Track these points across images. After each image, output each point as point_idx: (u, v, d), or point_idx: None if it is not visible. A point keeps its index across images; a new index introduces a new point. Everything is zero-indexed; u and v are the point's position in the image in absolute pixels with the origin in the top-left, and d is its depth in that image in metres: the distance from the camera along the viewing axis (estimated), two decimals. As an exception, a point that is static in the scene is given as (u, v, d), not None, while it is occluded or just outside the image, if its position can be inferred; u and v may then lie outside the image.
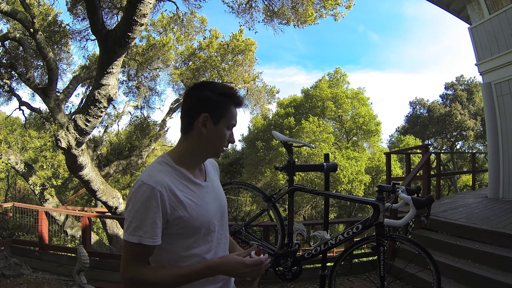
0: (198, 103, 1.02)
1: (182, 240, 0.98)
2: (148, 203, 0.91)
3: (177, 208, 0.95)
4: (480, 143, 22.63)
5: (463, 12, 7.49)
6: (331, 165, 2.39)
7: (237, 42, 10.73)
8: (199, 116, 1.00)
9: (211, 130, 1.01)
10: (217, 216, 1.07)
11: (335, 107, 19.00)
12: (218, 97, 1.02)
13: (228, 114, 1.03)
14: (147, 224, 0.91)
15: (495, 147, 6.11)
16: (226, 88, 1.05)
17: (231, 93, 1.04)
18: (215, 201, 1.08)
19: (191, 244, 0.99)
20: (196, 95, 1.03)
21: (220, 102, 1.02)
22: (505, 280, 2.88)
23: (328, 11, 7.99)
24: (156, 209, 0.91)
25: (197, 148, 1.04)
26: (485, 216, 4.41)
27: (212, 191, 1.09)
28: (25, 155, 11.33)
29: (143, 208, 0.91)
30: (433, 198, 2.46)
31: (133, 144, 12.92)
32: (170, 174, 0.99)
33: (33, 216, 5.95)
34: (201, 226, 1.00)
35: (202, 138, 1.02)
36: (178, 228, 0.97)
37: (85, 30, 9.83)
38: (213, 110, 1.01)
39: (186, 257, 0.99)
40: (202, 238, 1.01)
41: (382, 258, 2.22)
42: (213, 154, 1.08)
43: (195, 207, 0.99)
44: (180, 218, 0.95)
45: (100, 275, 4.25)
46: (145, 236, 0.91)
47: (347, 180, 15.11)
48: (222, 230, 1.11)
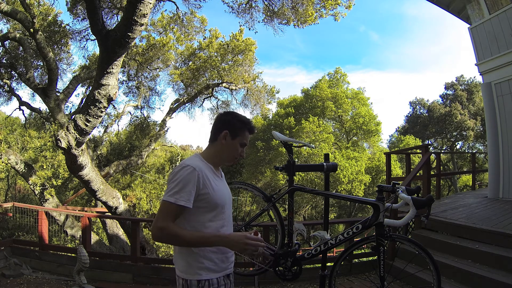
0: (223, 123, 1.49)
1: (205, 214, 1.38)
2: (189, 177, 1.32)
3: (206, 186, 1.36)
4: (480, 143, 22.63)
5: (463, 12, 7.49)
6: (331, 165, 2.39)
7: (237, 42, 10.72)
8: (222, 132, 1.46)
9: (229, 142, 1.47)
10: (228, 202, 1.49)
11: (335, 107, 19.01)
12: (237, 122, 1.49)
13: (242, 135, 1.48)
14: (185, 191, 1.30)
15: (495, 147, 6.11)
16: (244, 118, 1.53)
17: (247, 121, 1.51)
18: (227, 192, 1.52)
19: (211, 218, 1.39)
20: (223, 118, 1.51)
21: (238, 125, 1.48)
22: (505, 280, 2.88)
23: (328, 11, 7.98)
24: (193, 183, 1.32)
25: (218, 153, 1.49)
26: (485, 216, 4.41)
27: (225, 185, 1.54)
28: (25, 155, 11.33)
29: (185, 180, 1.31)
30: (433, 198, 2.46)
31: (133, 144, 12.92)
32: (205, 165, 1.43)
33: (33, 216, 5.95)
34: (219, 204, 1.40)
35: (222, 147, 1.48)
36: (204, 202, 1.36)
37: (85, 30, 9.83)
38: (232, 130, 1.47)
39: (206, 228, 1.37)
40: (218, 214, 1.41)
41: (382, 258, 2.22)
42: (227, 161, 1.50)
43: (216, 188, 1.41)
44: (207, 193, 1.36)
45: (100, 275, 4.25)
46: (180, 199, 1.29)
47: (347, 180, 15.11)
48: (230, 215, 1.53)
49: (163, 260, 6.24)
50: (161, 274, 4.25)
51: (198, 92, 12.11)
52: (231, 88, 12.07)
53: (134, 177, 14.13)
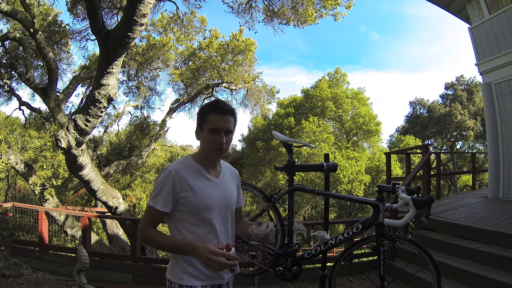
0: (196, 121, 1.38)
1: (187, 218, 1.30)
2: (164, 180, 1.28)
3: (185, 189, 1.28)
4: (480, 143, 22.63)
5: (463, 12, 7.49)
6: (331, 165, 2.39)
7: (237, 42, 10.72)
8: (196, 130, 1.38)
9: (201, 137, 1.35)
10: (219, 207, 1.34)
11: (335, 107, 18.99)
12: (200, 112, 1.36)
13: (207, 121, 1.31)
14: (162, 195, 1.27)
15: (495, 147, 6.10)
16: (208, 103, 1.39)
17: (209, 104, 1.36)
18: (220, 195, 1.36)
19: (195, 223, 1.30)
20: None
21: (201, 114, 1.34)
22: (505, 280, 2.88)
23: (328, 11, 7.98)
24: (169, 186, 1.27)
25: (201, 150, 1.38)
26: (485, 216, 4.41)
27: (220, 188, 1.37)
28: (25, 155, 11.33)
29: (161, 184, 1.28)
30: (433, 198, 2.46)
31: (133, 144, 12.92)
32: (187, 167, 1.34)
33: (33, 216, 5.95)
34: (201, 208, 1.29)
35: (200, 144, 1.37)
36: (185, 206, 1.29)
37: (85, 30, 9.83)
38: (199, 122, 1.35)
39: (191, 233, 1.29)
40: (203, 219, 1.30)
41: (382, 258, 2.22)
42: (209, 154, 1.35)
43: (199, 191, 1.30)
44: (186, 197, 1.28)
45: (100, 275, 4.25)
46: (158, 203, 1.27)
47: (347, 180, 15.10)
48: (226, 224, 1.38)
49: (163, 260, 6.23)
50: (161, 274, 4.25)
51: (198, 92, 12.12)
52: (231, 88, 12.07)
53: (134, 177, 14.14)
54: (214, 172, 1.39)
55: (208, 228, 1.31)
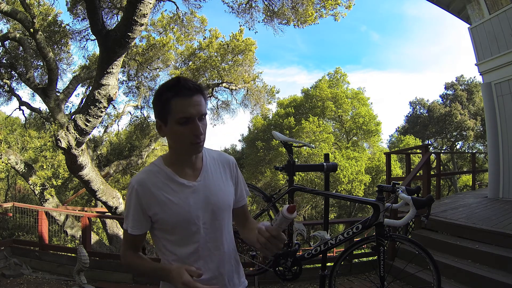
0: (154, 111, 1.06)
1: (167, 236, 1.06)
2: (130, 198, 1.05)
3: (153, 204, 1.03)
4: (480, 143, 22.63)
5: (463, 12, 7.49)
6: (331, 165, 2.39)
7: (237, 42, 10.72)
8: (156, 124, 1.06)
9: (166, 132, 1.03)
10: (202, 218, 1.05)
11: (335, 107, 19.00)
12: (159, 97, 1.00)
13: (171, 110, 0.97)
14: (130, 216, 1.05)
15: (495, 147, 6.11)
16: (166, 84, 1.01)
17: (169, 85, 0.99)
18: (201, 202, 1.06)
19: (176, 242, 1.06)
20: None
21: (160, 103, 0.99)
22: (505, 280, 2.88)
23: (328, 11, 7.99)
24: (135, 205, 1.04)
25: (171, 149, 1.09)
26: (485, 216, 4.41)
27: (200, 192, 1.06)
28: (25, 155, 11.33)
29: (128, 203, 1.06)
30: (433, 198, 2.46)
31: (133, 144, 12.92)
32: (154, 175, 1.06)
33: (33, 216, 5.95)
34: (177, 224, 1.03)
35: (168, 140, 1.07)
36: (158, 224, 1.05)
37: (85, 30, 9.83)
38: (159, 114, 1.01)
39: (174, 255, 1.06)
40: (185, 237, 1.05)
41: (382, 258, 2.22)
42: (184, 152, 1.05)
43: (170, 204, 1.03)
44: (156, 214, 1.03)
45: (100, 275, 4.25)
46: (128, 225, 1.06)
47: (347, 180, 15.10)
48: (219, 236, 1.09)
49: (163, 260, 6.25)
50: (161, 274, 4.25)
51: (198, 92, 12.10)
52: (231, 88, 12.07)
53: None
54: (192, 172, 1.08)
55: (191, 247, 1.05)
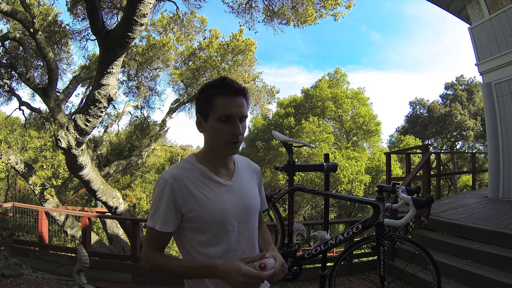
0: (195, 106, 1.08)
1: (197, 236, 1.03)
2: (161, 194, 1.00)
3: (188, 200, 1.00)
4: (480, 143, 22.64)
5: (463, 12, 7.49)
6: (331, 165, 2.39)
7: (237, 42, 10.72)
8: (196, 120, 1.06)
9: (206, 128, 1.04)
10: (237, 218, 1.06)
11: (335, 107, 19.02)
12: (203, 93, 1.04)
13: (214, 107, 1.01)
14: (160, 212, 1.00)
15: (495, 147, 6.10)
16: (211, 82, 1.05)
17: (216, 83, 1.03)
18: (237, 202, 1.07)
19: (206, 242, 1.02)
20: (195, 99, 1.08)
21: (205, 98, 1.03)
22: (505, 280, 2.88)
23: (328, 11, 7.98)
24: (167, 200, 0.99)
25: (208, 146, 1.08)
26: (485, 216, 4.41)
27: (235, 192, 1.08)
28: (25, 155, 11.34)
29: (158, 198, 1.01)
30: (433, 198, 2.46)
31: (133, 144, 12.92)
32: (189, 171, 1.04)
33: (33, 216, 5.96)
34: (213, 222, 1.01)
35: (205, 138, 1.06)
36: (192, 222, 1.01)
37: (85, 30, 9.83)
38: (201, 109, 1.04)
39: (202, 255, 1.02)
40: (217, 237, 1.03)
41: (382, 258, 2.22)
42: (221, 150, 1.05)
43: (207, 202, 1.01)
44: (192, 210, 1.00)
45: (100, 275, 4.25)
46: (157, 223, 1.00)
47: (347, 180, 15.11)
48: (251, 237, 1.10)
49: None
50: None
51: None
52: (231, 88, 12.06)
53: (134, 177, 14.14)
54: (226, 172, 1.09)
55: (223, 247, 1.03)
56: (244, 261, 0.93)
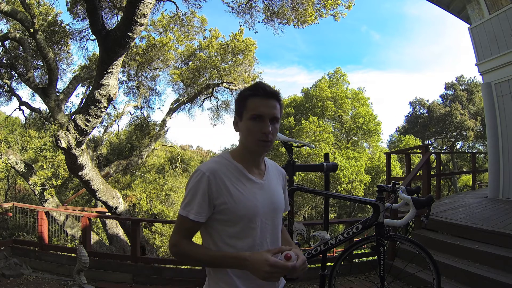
0: (234, 108, 1.19)
1: (227, 228, 1.09)
2: (197, 185, 1.07)
3: (223, 194, 1.07)
4: (480, 143, 22.64)
5: (463, 12, 7.49)
6: (331, 165, 2.39)
7: (237, 42, 10.72)
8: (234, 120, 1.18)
9: (240, 127, 1.14)
10: (266, 214, 1.13)
11: (335, 107, 19.02)
12: (238, 97, 1.15)
13: (247, 107, 1.10)
14: (195, 202, 1.06)
15: (495, 147, 6.11)
16: (248, 86, 1.17)
17: (251, 87, 1.14)
18: (266, 199, 1.14)
19: (235, 234, 1.09)
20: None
21: (240, 99, 1.14)
22: (505, 280, 2.88)
23: (328, 11, 7.98)
24: (203, 192, 1.06)
25: (242, 145, 1.16)
26: (485, 216, 4.41)
27: (266, 190, 1.16)
28: (25, 155, 11.34)
29: (194, 189, 1.08)
30: (433, 198, 2.46)
31: (133, 144, 12.92)
32: (224, 166, 1.12)
33: (33, 216, 5.96)
34: (244, 216, 1.08)
35: (240, 136, 1.15)
36: (223, 214, 1.08)
37: (85, 30, 9.82)
38: (237, 110, 1.15)
39: (230, 247, 1.08)
40: (245, 230, 1.09)
41: (382, 258, 2.22)
42: (252, 148, 1.13)
43: (241, 196, 1.09)
44: (225, 203, 1.07)
45: (100, 275, 4.25)
46: (191, 212, 1.06)
47: (347, 180, 15.11)
48: (275, 234, 1.17)
49: (163, 260, 6.25)
50: (161, 274, 4.26)
51: (198, 92, 12.12)
52: (231, 88, 12.07)
53: (134, 177, 14.14)
54: (257, 171, 1.17)
55: (250, 240, 1.10)
56: (270, 252, 1.01)
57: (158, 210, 12.17)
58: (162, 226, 12.00)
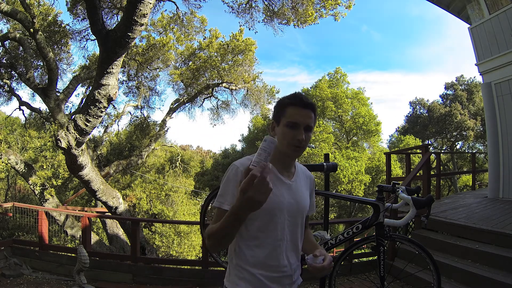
0: (273, 113, 1.29)
1: (253, 222, 1.15)
2: (231, 177, 1.16)
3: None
4: (480, 143, 22.64)
5: (463, 12, 7.49)
6: (331, 165, 2.39)
7: (237, 42, 10.72)
8: (271, 124, 1.27)
9: (277, 131, 1.23)
10: (289, 212, 1.21)
11: (335, 107, 19.02)
12: (277, 105, 1.25)
13: (285, 114, 1.20)
14: (228, 193, 1.14)
15: (495, 147, 6.11)
16: (287, 95, 1.25)
17: (289, 96, 1.24)
18: (292, 199, 1.22)
19: (260, 227, 1.16)
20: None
21: (279, 106, 1.24)
22: (505, 280, 2.88)
23: (328, 11, 7.98)
24: (236, 182, 1.13)
25: (276, 149, 1.18)
26: (485, 216, 4.41)
27: (293, 191, 1.24)
28: (25, 155, 11.35)
29: (227, 181, 1.16)
30: (433, 198, 2.46)
31: (133, 144, 12.93)
32: None
33: (33, 216, 5.96)
34: (269, 210, 1.14)
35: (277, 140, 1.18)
36: None
37: (85, 30, 9.83)
38: (275, 115, 1.25)
39: (257, 239, 1.17)
40: (270, 223, 1.17)
41: (382, 258, 2.22)
42: (285, 151, 1.20)
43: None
44: None
45: (100, 275, 4.25)
46: (224, 202, 1.14)
47: (347, 180, 15.11)
48: (296, 232, 1.25)
49: (163, 260, 6.26)
50: (161, 274, 4.26)
51: (198, 92, 12.13)
52: (231, 88, 12.07)
53: (134, 177, 14.15)
54: (287, 173, 1.26)
55: (272, 234, 1.18)
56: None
57: (158, 210, 12.18)
58: (162, 226, 12.00)
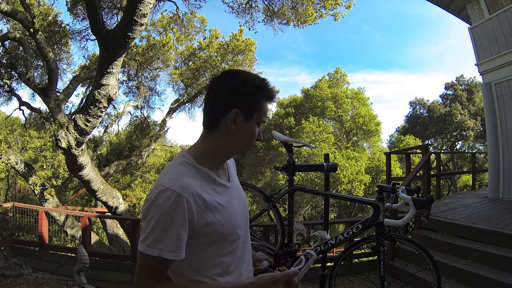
0: (227, 96, 0.89)
1: (207, 249, 0.88)
2: (172, 212, 0.80)
3: (205, 214, 0.84)
4: (480, 143, 22.63)
5: (463, 12, 7.49)
6: (331, 165, 2.39)
7: (237, 42, 10.73)
8: (228, 112, 0.88)
9: (241, 127, 0.90)
10: (243, 221, 0.97)
11: (335, 107, 19.01)
12: (251, 89, 0.90)
13: (260, 110, 0.92)
14: (170, 236, 0.80)
15: (495, 147, 6.11)
16: (258, 80, 0.92)
17: (263, 85, 0.92)
18: (240, 204, 0.98)
19: (217, 252, 0.89)
20: (226, 85, 0.89)
21: (253, 96, 0.90)
22: (505, 280, 2.88)
23: (328, 11, 7.99)
24: (181, 220, 0.80)
25: (223, 146, 0.93)
26: (485, 216, 4.41)
27: (235, 193, 0.98)
28: (25, 155, 11.35)
29: (165, 218, 0.80)
30: (433, 198, 2.46)
31: (133, 144, 12.93)
32: (194, 176, 0.87)
33: (33, 216, 5.95)
34: (229, 232, 0.90)
35: (229, 136, 0.91)
36: (205, 236, 0.86)
37: (85, 30, 9.83)
38: (244, 105, 0.89)
39: (210, 266, 0.89)
40: (228, 246, 0.91)
41: (382, 258, 2.22)
42: (239, 153, 0.97)
43: (223, 211, 0.88)
44: (208, 224, 0.85)
45: (100, 275, 4.26)
46: (166, 250, 0.81)
47: (347, 180, 15.10)
48: (246, 236, 1.01)
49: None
50: (161, 274, 4.26)
51: (198, 92, 12.13)
52: (231, 88, 12.06)
53: (134, 177, 14.15)
54: (223, 172, 0.98)
55: (232, 255, 0.93)
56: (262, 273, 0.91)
57: (158, 210, 12.15)
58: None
